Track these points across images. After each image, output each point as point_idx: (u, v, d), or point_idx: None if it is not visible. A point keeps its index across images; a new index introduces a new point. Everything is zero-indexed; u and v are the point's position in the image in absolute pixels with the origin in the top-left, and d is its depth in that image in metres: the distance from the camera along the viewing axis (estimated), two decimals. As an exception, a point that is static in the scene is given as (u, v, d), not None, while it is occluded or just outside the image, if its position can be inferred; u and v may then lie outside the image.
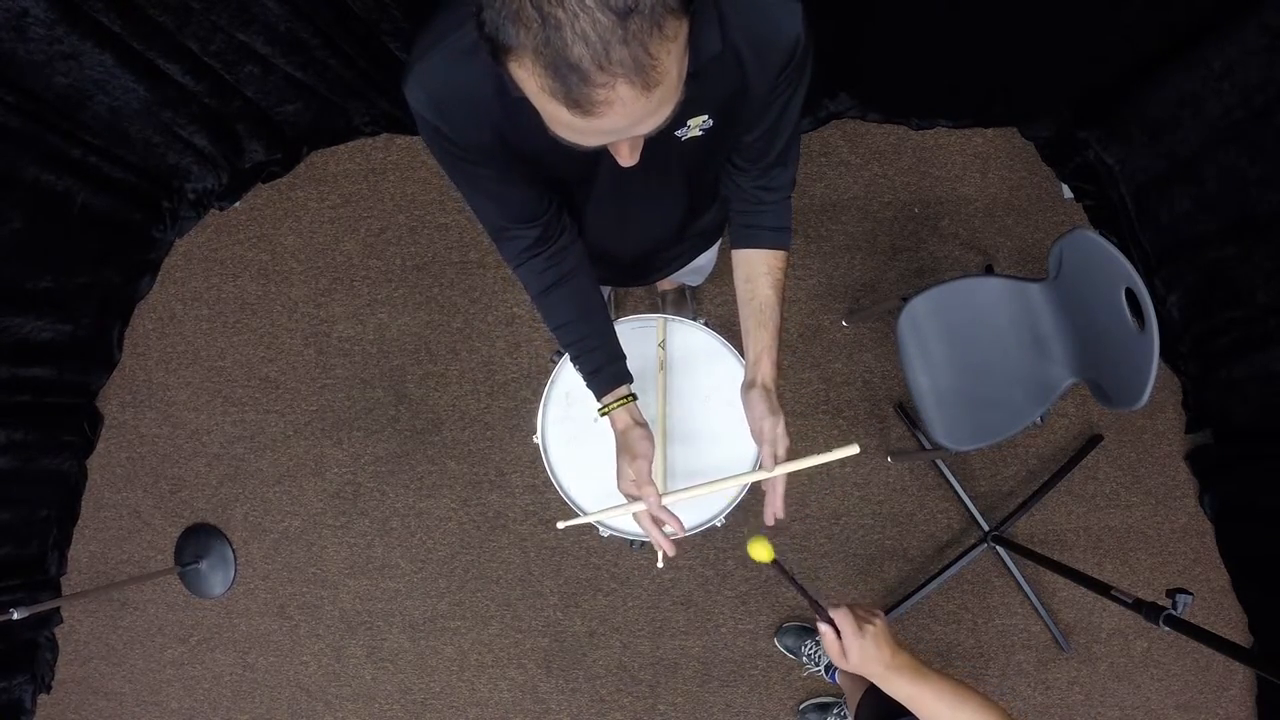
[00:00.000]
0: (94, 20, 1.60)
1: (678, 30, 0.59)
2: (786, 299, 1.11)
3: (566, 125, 0.64)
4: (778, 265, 1.09)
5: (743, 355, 1.28)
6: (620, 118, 0.62)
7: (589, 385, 1.10)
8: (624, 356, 1.12)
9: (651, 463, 1.06)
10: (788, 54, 0.85)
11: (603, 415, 1.09)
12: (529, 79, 0.60)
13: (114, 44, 1.67)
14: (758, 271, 1.09)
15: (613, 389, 1.09)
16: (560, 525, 1.11)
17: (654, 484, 1.04)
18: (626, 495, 1.07)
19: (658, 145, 0.90)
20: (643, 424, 1.09)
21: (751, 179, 1.05)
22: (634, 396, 1.10)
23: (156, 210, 2.24)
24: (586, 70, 0.57)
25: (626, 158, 0.75)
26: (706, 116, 0.88)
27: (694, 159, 0.97)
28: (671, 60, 0.60)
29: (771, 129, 0.97)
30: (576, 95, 0.59)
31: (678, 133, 0.89)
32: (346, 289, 2.29)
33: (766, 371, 1.07)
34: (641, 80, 0.59)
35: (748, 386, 1.08)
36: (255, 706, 2.29)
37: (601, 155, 0.89)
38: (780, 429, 1.06)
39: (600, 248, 1.17)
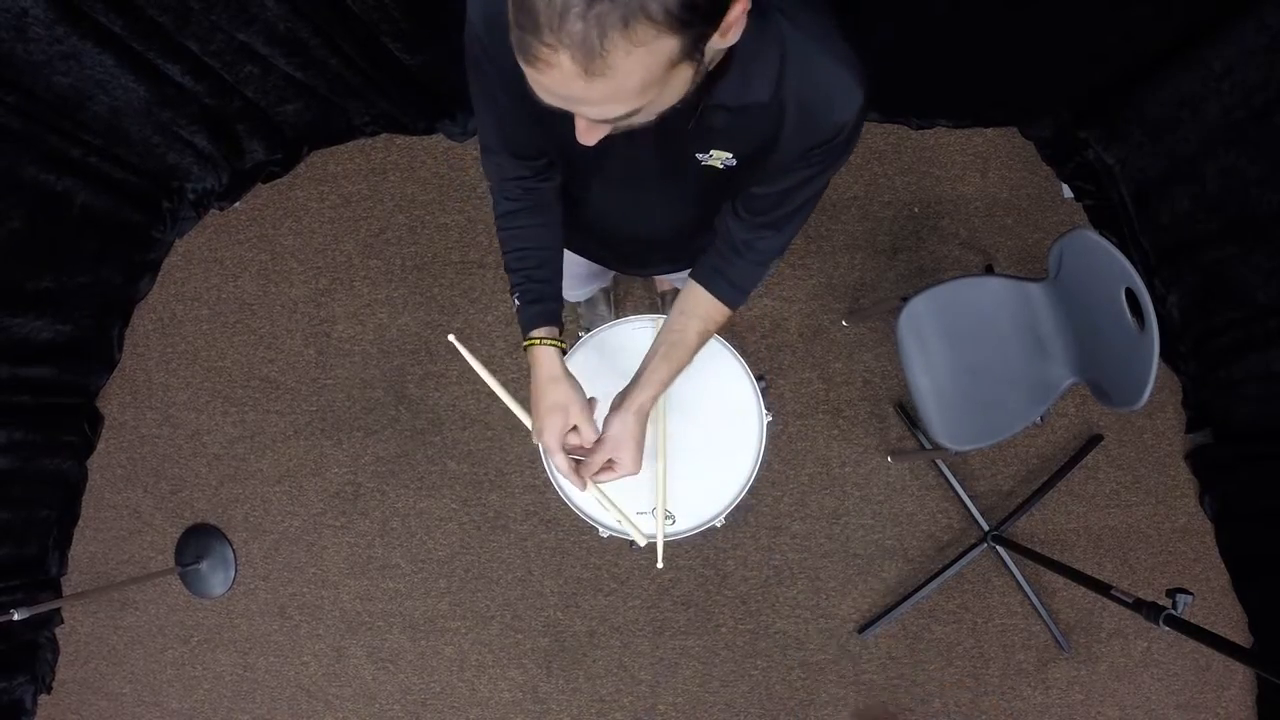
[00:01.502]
0: (94, 20, 1.60)
1: (649, 39, 0.58)
2: (703, 345, 1.14)
3: (524, 71, 0.64)
4: (715, 318, 1.10)
5: (737, 351, 1.29)
6: (557, 85, 0.62)
7: (521, 316, 1.10)
8: (562, 303, 1.14)
9: (581, 414, 1.07)
10: (828, 135, 0.85)
11: (527, 347, 1.09)
12: (508, 10, 0.61)
13: (114, 44, 1.67)
14: (695, 312, 1.10)
15: (545, 325, 1.10)
16: (451, 337, 1.14)
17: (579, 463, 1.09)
18: (547, 446, 1.08)
19: (679, 154, 0.90)
20: (570, 377, 1.09)
21: (742, 228, 1.04)
22: (563, 346, 1.10)
23: (156, 210, 2.24)
24: (539, 24, 0.57)
25: (581, 133, 0.74)
26: (731, 156, 0.88)
27: (712, 184, 0.97)
28: (631, 63, 0.59)
29: (784, 194, 0.96)
30: (523, 40, 0.59)
31: (699, 156, 0.89)
32: (346, 289, 2.29)
33: (647, 400, 1.08)
34: (584, 63, 0.58)
35: (623, 407, 1.08)
36: (255, 707, 2.29)
37: (616, 137, 0.90)
38: (631, 456, 1.07)
39: (600, 225, 1.17)
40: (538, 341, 1.09)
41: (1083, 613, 2.18)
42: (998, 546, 2.07)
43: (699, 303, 1.10)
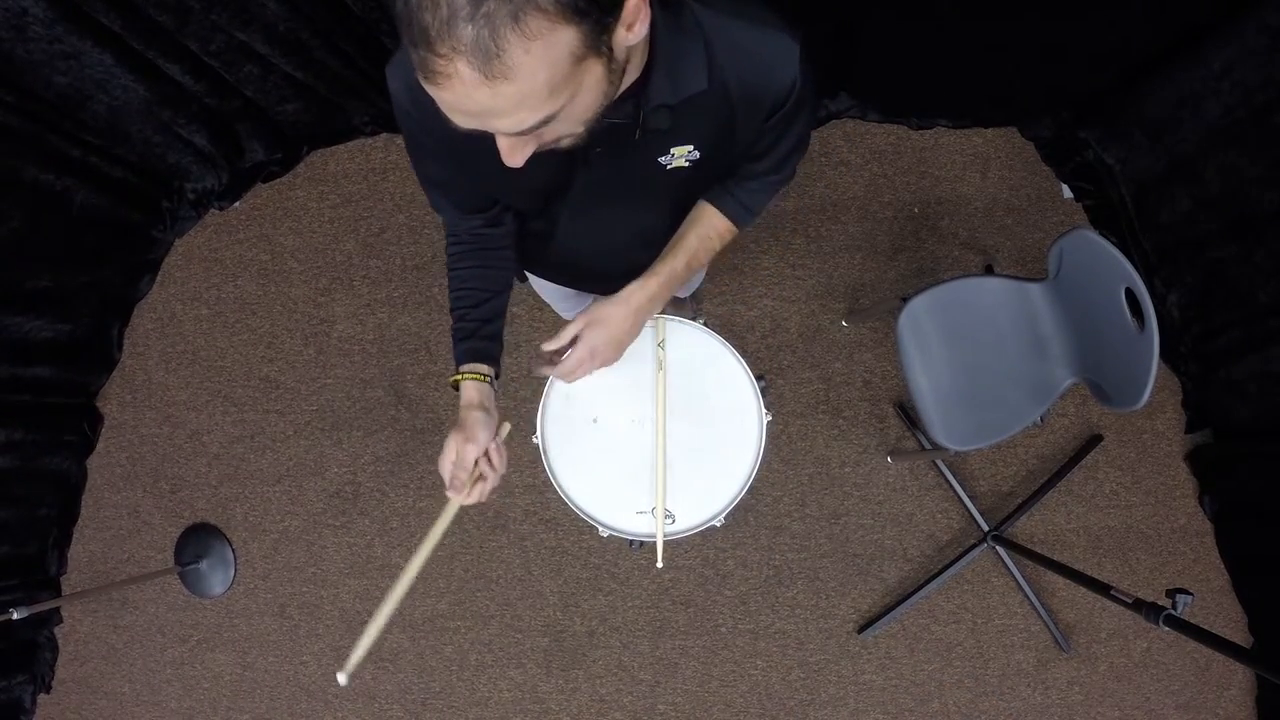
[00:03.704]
0: (94, 20, 1.60)
1: (544, 31, 0.57)
2: (706, 258, 1.10)
3: (426, 91, 0.63)
4: (717, 228, 1.08)
5: (737, 350, 1.29)
6: (461, 99, 0.60)
7: (456, 350, 1.10)
8: (502, 345, 1.13)
9: (483, 451, 1.04)
10: (781, 98, 0.84)
11: (454, 383, 1.08)
12: (402, 38, 0.60)
13: (114, 43, 1.67)
14: (699, 219, 1.08)
15: (475, 362, 1.08)
16: (342, 680, 0.90)
17: (466, 475, 1.03)
18: (444, 473, 1.05)
19: (642, 165, 0.89)
20: (489, 410, 1.07)
21: (743, 175, 1.04)
22: (492, 384, 1.09)
23: (156, 210, 2.24)
24: (431, 39, 0.56)
25: (505, 154, 0.71)
26: (692, 148, 0.88)
27: (683, 187, 0.97)
28: (532, 61, 0.58)
29: (766, 150, 0.96)
30: (420, 58, 0.59)
31: (662, 160, 0.89)
32: (346, 289, 2.29)
33: (636, 289, 1.05)
34: (483, 67, 0.57)
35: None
36: (255, 706, 2.29)
37: (576, 166, 0.88)
38: (605, 339, 1.03)
39: (574, 254, 1.15)
40: (461, 377, 1.07)
41: (1083, 613, 2.17)
42: (998, 546, 2.07)
43: (704, 213, 1.08)
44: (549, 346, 1.06)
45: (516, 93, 0.60)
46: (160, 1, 1.61)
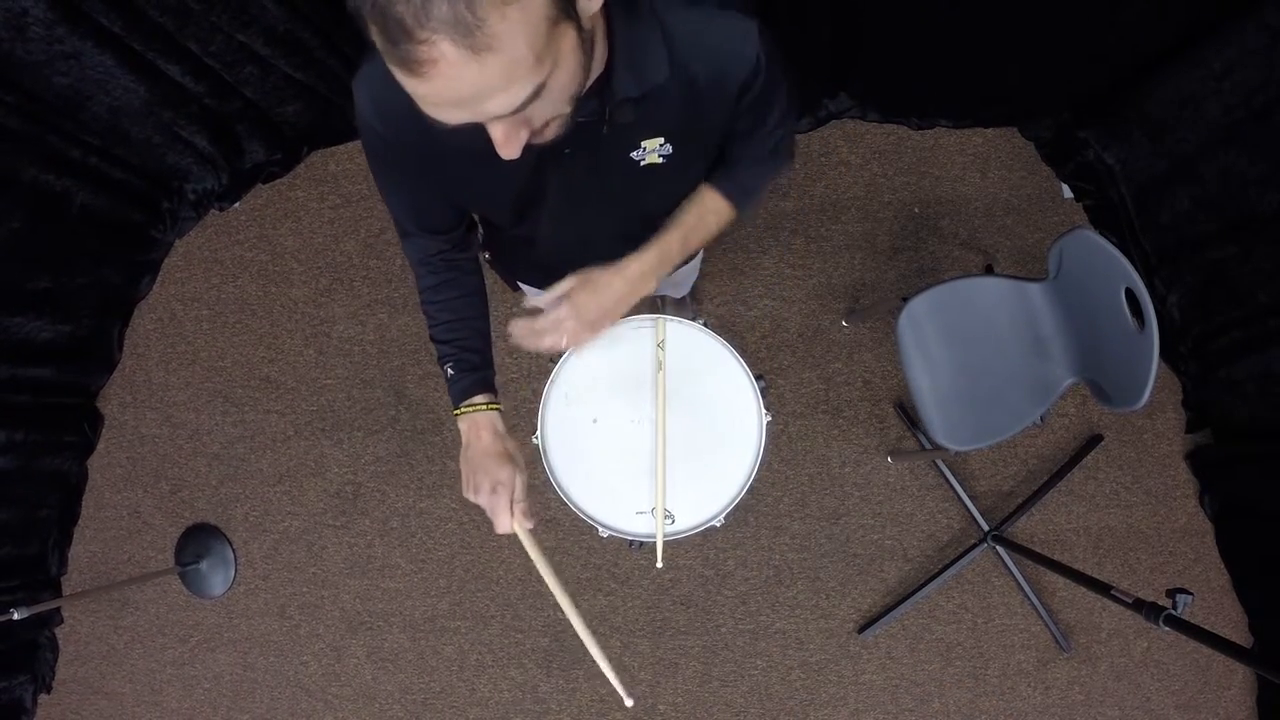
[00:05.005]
0: (94, 21, 1.60)
1: None
2: (703, 238, 1.06)
3: (413, 95, 0.62)
4: (715, 207, 1.03)
5: (737, 351, 1.29)
6: (452, 81, 0.59)
7: (456, 386, 1.08)
8: (494, 370, 1.12)
9: (514, 490, 1.05)
10: (746, 80, 0.83)
11: (459, 415, 1.08)
12: (377, 44, 0.59)
13: (114, 44, 1.67)
14: (695, 198, 1.04)
15: (488, 392, 1.09)
16: (630, 703, 1.12)
17: (509, 515, 1.05)
18: (482, 503, 1.06)
19: (615, 164, 0.89)
20: (512, 443, 1.07)
21: (731, 157, 1.02)
22: (500, 407, 1.09)
23: (156, 211, 2.24)
24: (409, 27, 0.55)
25: (502, 145, 0.69)
26: (663, 141, 0.87)
27: (661, 184, 0.95)
28: (510, 27, 0.57)
29: (749, 131, 0.94)
30: (402, 53, 0.57)
31: (633, 155, 0.88)
32: (346, 289, 2.29)
33: (631, 262, 1.01)
34: (466, 41, 0.56)
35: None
36: (255, 706, 2.29)
37: (547, 170, 0.88)
38: (591, 301, 0.99)
39: (561, 259, 1.13)
40: (482, 407, 1.07)
41: (1083, 613, 2.17)
42: (998, 546, 2.07)
43: (702, 193, 1.05)
44: (533, 303, 1.02)
45: (504, 64, 0.59)
46: (160, 2, 1.61)
